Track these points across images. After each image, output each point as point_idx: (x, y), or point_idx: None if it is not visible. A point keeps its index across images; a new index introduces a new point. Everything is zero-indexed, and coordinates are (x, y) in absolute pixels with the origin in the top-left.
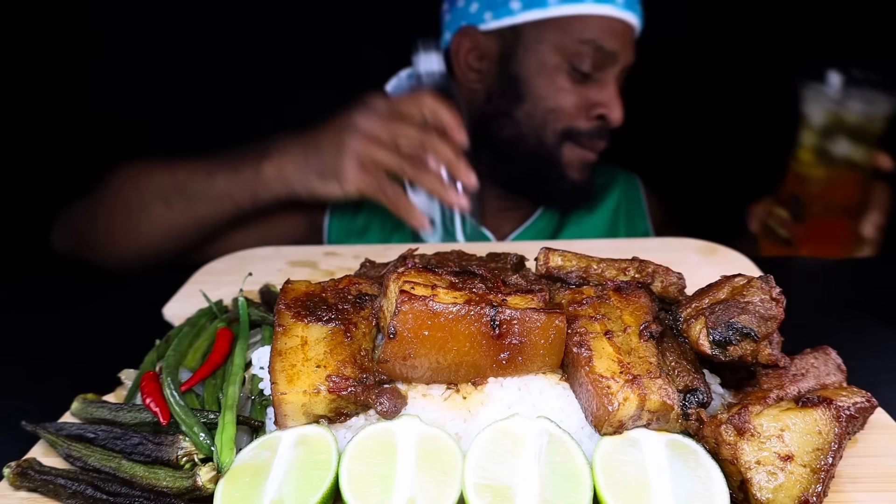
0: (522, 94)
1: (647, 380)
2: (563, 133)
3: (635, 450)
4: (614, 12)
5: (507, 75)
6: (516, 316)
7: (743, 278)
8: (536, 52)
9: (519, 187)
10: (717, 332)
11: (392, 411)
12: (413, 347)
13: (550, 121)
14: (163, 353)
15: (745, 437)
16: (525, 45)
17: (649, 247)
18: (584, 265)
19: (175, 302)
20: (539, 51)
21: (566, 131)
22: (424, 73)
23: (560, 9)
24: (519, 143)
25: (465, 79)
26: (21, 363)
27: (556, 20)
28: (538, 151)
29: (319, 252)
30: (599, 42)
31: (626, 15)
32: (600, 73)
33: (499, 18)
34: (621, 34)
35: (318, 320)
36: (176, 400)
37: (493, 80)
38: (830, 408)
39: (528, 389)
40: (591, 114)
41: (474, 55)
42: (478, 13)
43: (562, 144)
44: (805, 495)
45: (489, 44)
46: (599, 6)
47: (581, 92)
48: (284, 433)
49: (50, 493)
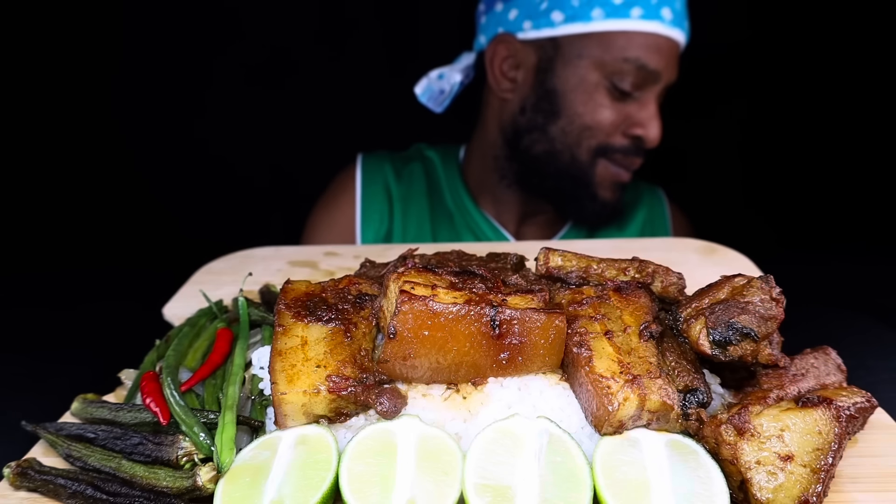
0: (558, 109)
1: (647, 380)
2: (597, 149)
3: (635, 450)
4: (661, 29)
5: (543, 89)
6: (516, 316)
7: (743, 278)
8: (576, 67)
9: (547, 199)
10: (717, 332)
11: (392, 411)
12: (413, 347)
13: (585, 137)
14: (163, 353)
15: (745, 437)
16: (564, 59)
17: (649, 247)
18: (584, 265)
19: (175, 302)
20: (579, 66)
21: (600, 147)
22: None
23: (604, 24)
24: (551, 159)
25: (499, 87)
26: (21, 363)
27: (598, 35)
28: (570, 169)
29: (319, 252)
30: (643, 61)
31: (672, 32)
32: (640, 91)
33: (538, 29)
34: (666, 52)
35: (318, 320)
36: (176, 400)
37: (528, 91)
38: (830, 408)
39: (528, 389)
40: (628, 132)
41: (509, 64)
42: (516, 21)
43: (595, 162)
44: (805, 495)
45: (526, 54)
46: (645, 23)
47: (619, 109)
48: (284, 433)
49: (50, 493)
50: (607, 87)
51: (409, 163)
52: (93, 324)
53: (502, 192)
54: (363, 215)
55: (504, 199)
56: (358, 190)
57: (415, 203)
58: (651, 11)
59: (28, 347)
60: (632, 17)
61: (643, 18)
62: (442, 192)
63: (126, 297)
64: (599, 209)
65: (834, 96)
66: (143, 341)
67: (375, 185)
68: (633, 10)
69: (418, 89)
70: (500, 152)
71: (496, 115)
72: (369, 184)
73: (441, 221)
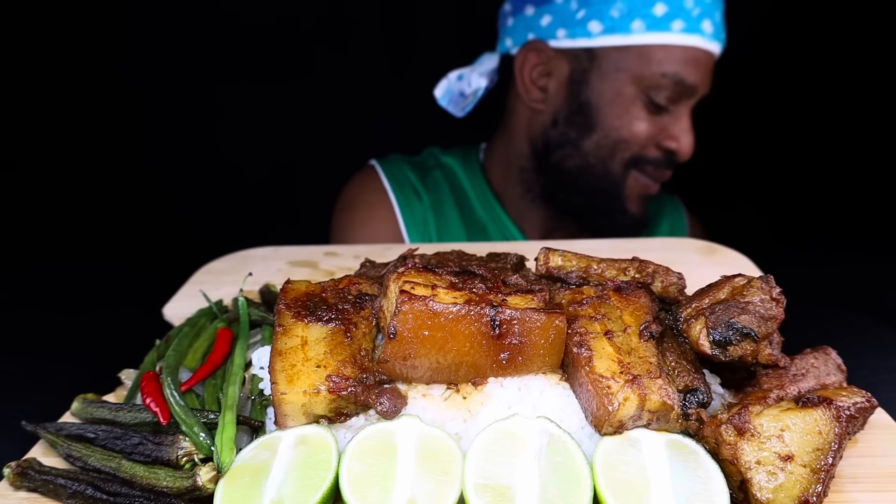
0: (593, 123)
1: (647, 380)
2: (630, 161)
3: (635, 450)
4: (701, 43)
5: (577, 101)
6: (516, 316)
7: (743, 278)
8: (613, 80)
9: (574, 214)
10: (717, 332)
11: (392, 411)
12: (413, 347)
13: (620, 150)
14: (163, 353)
15: (745, 437)
16: (601, 72)
17: (649, 247)
18: (584, 265)
19: (175, 302)
20: (616, 79)
21: (633, 159)
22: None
23: (644, 37)
24: (582, 174)
25: (529, 96)
26: (21, 363)
27: (637, 48)
28: (602, 183)
29: (319, 252)
30: (681, 75)
31: (711, 45)
32: (675, 105)
33: (573, 38)
34: (704, 65)
35: (318, 320)
36: (176, 400)
37: (560, 103)
38: (830, 408)
39: (528, 389)
40: (662, 145)
41: (539, 72)
42: (549, 28)
43: (627, 174)
44: (805, 495)
45: (559, 63)
46: (686, 36)
47: (655, 122)
48: (284, 433)
49: (50, 493)
50: (644, 101)
51: (430, 171)
52: (93, 324)
53: (526, 205)
54: (404, 217)
55: (527, 214)
56: (390, 193)
57: (446, 214)
58: (692, 25)
59: (28, 348)
60: (673, 31)
61: (684, 32)
62: (471, 202)
63: (126, 297)
64: (629, 222)
65: (834, 95)
66: (143, 341)
67: (405, 188)
68: (675, 24)
69: (438, 92)
70: (527, 164)
71: (525, 125)
72: (400, 194)
73: (475, 232)
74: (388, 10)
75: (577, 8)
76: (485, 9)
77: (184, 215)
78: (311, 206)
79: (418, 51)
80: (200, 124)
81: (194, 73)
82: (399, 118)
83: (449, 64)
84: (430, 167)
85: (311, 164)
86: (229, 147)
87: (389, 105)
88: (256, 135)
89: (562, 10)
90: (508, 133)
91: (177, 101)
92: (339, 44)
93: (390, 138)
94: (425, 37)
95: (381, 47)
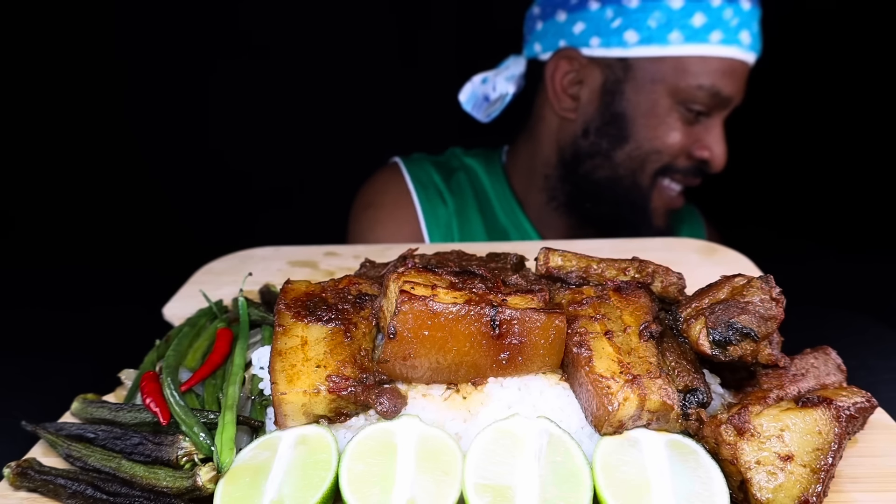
0: (627, 134)
1: (647, 380)
2: (659, 170)
3: (635, 450)
4: (738, 54)
5: (610, 112)
6: (516, 316)
7: (743, 278)
8: (649, 92)
9: (598, 225)
10: (717, 332)
11: (392, 411)
12: (413, 347)
13: (651, 161)
14: (163, 353)
15: (745, 437)
16: (636, 83)
17: (649, 247)
18: (584, 265)
19: (175, 302)
20: (652, 91)
21: (662, 168)
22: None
23: (681, 48)
24: (611, 185)
25: (560, 105)
26: (21, 363)
27: (674, 59)
28: (629, 195)
29: (319, 252)
30: (717, 87)
31: (748, 56)
32: (709, 115)
33: (608, 47)
34: (740, 75)
35: (318, 320)
36: (176, 400)
37: (592, 113)
38: (830, 408)
39: (528, 389)
40: (694, 154)
41: (571, 80)
42: (582, 35)
43: (655, 183)
44: (805, 495)
45: (592, 72)
46: (724, 48)
47: (688, 132)
48: (284, 433)
49: (50, 493)
50: (679, 112)
51: (453, 172)
52: (93, 323)
53: (548, 213)
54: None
55: (549, 221)
56: (414, 194)
57: (469, 218)
58: (731, 36)
59: (28, 347)
60: (710, 43)
61: (722, 44)
62: (493, 207)
63: (126, 297)
64: (653, 235)
65: (834, 95)
66: (143, 341)
67: (429, 196)
68: (713, 35)
69: (462, 97)
70: (552, 172)
71: (553, 133)
72: (423, 194)
73: (497, 237)
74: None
75: (612, 17)
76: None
77: (184, 215)
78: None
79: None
80: (201, 124)
81: (196, 72)
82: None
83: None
84: (455, 169)
85: (312, 165)
86: (229, 147)
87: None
88: (256, 135)
89: (596, 17)
90: (534, 140)
91: (177, 101)
92: (347, 41)
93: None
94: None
95: (386, 47)
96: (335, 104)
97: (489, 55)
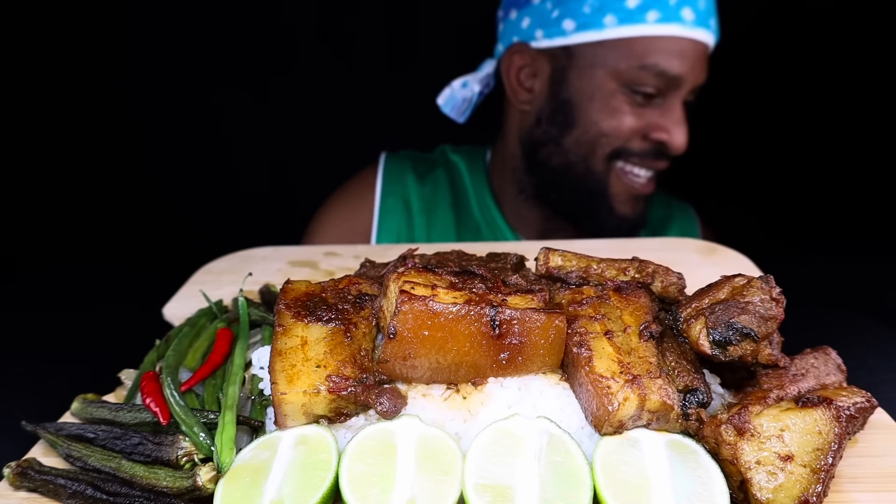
0: (573, 120)
1: (647, 380)
2: (611, 154)
3: (635, 450)
4: (682, 32)
5: (557, 100)
6: (516, 316)
7: (743, 278)
8: (591, 76)
9: (565, 214)
10: (717, 332)
11: (392, 411)
12: (413, 347)
13: (600, 145)
14: (163, 353)
15: (745, 437)
16: (578, 69)
17: (649, 247)
18: (584, 265)
19: (175, 302)
20: (594, 75)
21: (614, 152)
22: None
23: (618, 30)
24: (567, 172)
25: (516, 98)
26: (21, 363)
27: (613, 42)
28: (586, 182)
29: (319, 252)
30: (662, 66)
31: (695, 33)
32: (664, 97)
33: (550, 38)
34: (690, 54)
35: (318, 320)
36: (176, 400)
37: (543, 103)
38: (830, 408)
39: (528, 389)
40: (651, 137)
41: (526, 73)
42: (529, 29)
43: (610, 168)
44: (805, 495)
45: (541, 63)
46: (663, 26)
47: (641, 115)
48: (284, 433)
49: (50, 493)
50: (626, 94)
51: (434, 168)
52: (93, 324)
53: (520, 206)
54: (380, 221)
55: (524, 215)
56: (377, 194)
57: (440, 211)
58: (669, 14)
59: (28, 348)
60: (648, 22)
61: (661, 22)
62: (469, 202)
63: (126, 297)
64: (616, 224)
65: (833, 94)
66: (143, 341)
67: (395, 194)
68: (649, 14)
69: (441, 100)
70: (518, 164)
71: (515, 126)
72: (389, 191)
73: (466, 231)
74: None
75: (551, 8)
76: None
77: (184, 215)
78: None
79: (420, 52)
80: (201, 125)
81: (194, 74)
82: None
83: (451, 66)
84: (436, 164)
85: (312, 165)
86: (229, 147)
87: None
88: (256, 135)
89: (539, 10)
90: (504, 136)
91: (177, 102)
92: (341, 45)
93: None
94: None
95: (382, 49)
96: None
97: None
